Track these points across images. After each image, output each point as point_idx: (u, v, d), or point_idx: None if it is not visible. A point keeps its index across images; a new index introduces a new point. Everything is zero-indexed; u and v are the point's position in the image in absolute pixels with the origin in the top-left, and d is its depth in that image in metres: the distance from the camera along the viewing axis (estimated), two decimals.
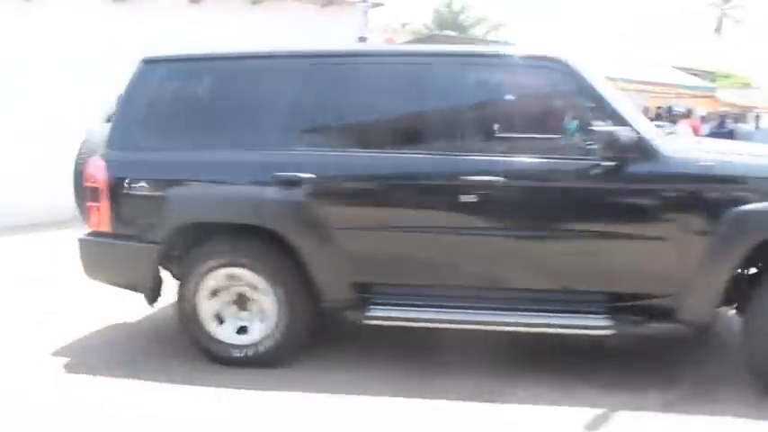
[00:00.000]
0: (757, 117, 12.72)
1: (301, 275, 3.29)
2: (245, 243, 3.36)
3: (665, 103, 11.97)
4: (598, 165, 3.10)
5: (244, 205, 3.34)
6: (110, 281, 3.70)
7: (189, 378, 3.31)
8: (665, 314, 3.11)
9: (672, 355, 3.57)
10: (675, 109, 11.51)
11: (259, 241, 3.31)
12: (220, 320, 3.45)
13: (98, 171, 3.43)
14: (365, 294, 3.32)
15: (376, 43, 10.97)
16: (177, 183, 3.39)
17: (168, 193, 3.34)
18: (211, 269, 3.35)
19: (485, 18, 26.86)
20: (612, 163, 3.07)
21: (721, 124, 11.82)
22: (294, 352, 3.42)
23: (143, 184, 3.39)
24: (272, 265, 3.30)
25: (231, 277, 3.39)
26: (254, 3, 8.88)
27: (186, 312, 3.43)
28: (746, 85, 29.57)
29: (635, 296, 3.17)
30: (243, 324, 3.44)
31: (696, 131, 11.45)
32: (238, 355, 3.40)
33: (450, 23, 25.17)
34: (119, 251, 3.50)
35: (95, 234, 3.55)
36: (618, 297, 3.18)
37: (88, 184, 3.48)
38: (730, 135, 11.62)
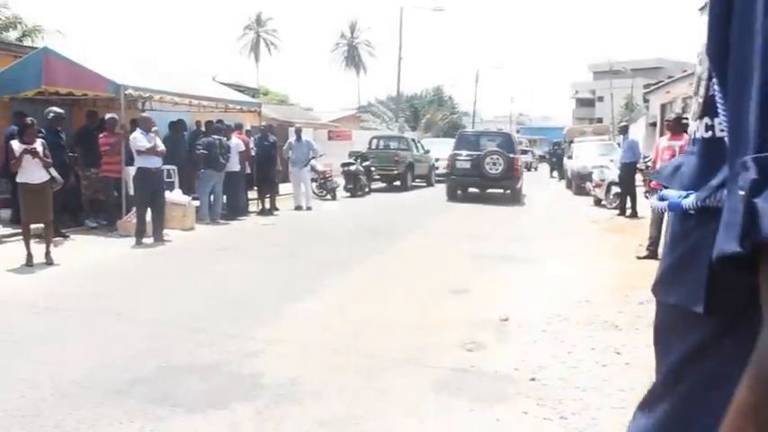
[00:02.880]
0: (298, 130, 13.96)
1: None
2: None
3: (212, 117, 12.13)
4: None
5: None
6: None
7: None
8: None
9: None
10: (226, 123, 11.74)
11: None
12: None
13: None
14: None
15: None
16: None
17: None
18: None
19: (19, 20, 22.96)
20: None
21: (264, 137, 12.64)
22: None
23: None
24: None
25: None
26: None
27: None
28: (283, 102, 33.31)
29: None
30: None
31: (246, 144, 11.94)
32: None
33: None
34: None
35: None
36: None
37: None
38: (274, 146, 12.60)
